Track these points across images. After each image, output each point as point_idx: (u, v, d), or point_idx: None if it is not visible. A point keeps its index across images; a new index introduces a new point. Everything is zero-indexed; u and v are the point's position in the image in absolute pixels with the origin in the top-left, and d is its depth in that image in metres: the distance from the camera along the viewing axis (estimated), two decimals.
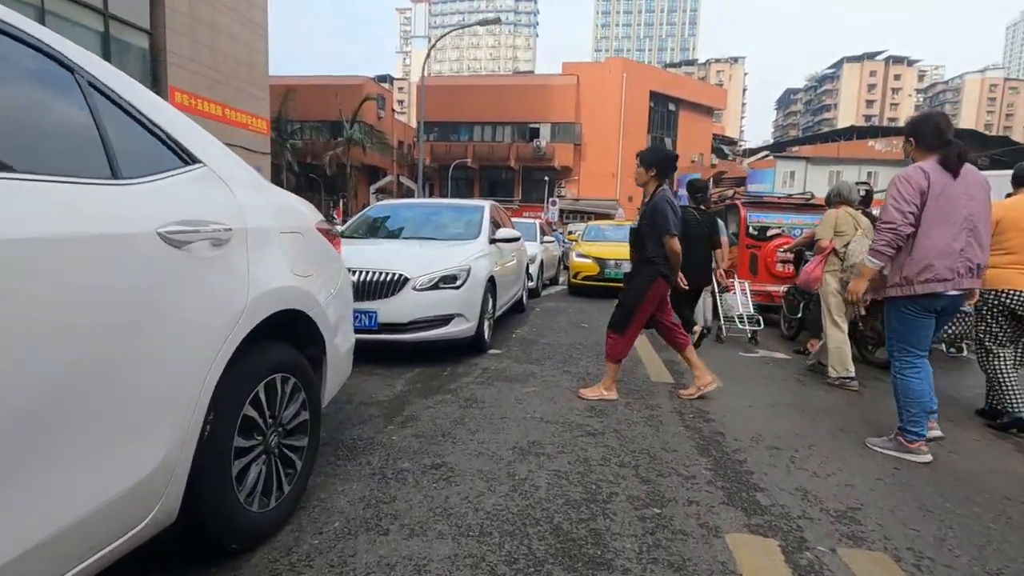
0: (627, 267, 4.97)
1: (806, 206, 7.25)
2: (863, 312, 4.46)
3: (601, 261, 9.27)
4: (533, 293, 9.08)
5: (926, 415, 2.83)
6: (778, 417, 3.42)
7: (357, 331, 2.78)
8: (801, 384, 4.29)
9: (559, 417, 3.23)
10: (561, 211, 35.67)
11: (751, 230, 7.00)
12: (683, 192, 5.95)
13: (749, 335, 5.74)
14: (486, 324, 4.83)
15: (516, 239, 5.52)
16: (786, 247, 6.29)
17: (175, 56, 14.47)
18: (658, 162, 3.55)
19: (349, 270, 3.20)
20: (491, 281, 4.88)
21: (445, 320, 4.23)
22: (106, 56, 12.03)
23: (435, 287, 4.21)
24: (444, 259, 4.43)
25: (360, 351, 2.85)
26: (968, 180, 2.71)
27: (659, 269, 3.52)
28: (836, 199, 4.51)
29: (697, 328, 5.30)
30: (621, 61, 44.87)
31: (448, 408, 3.30)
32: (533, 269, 8.85)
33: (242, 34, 17.68)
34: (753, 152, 55.11)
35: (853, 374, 4.17)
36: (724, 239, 5.60)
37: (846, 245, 4.25)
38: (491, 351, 4.90)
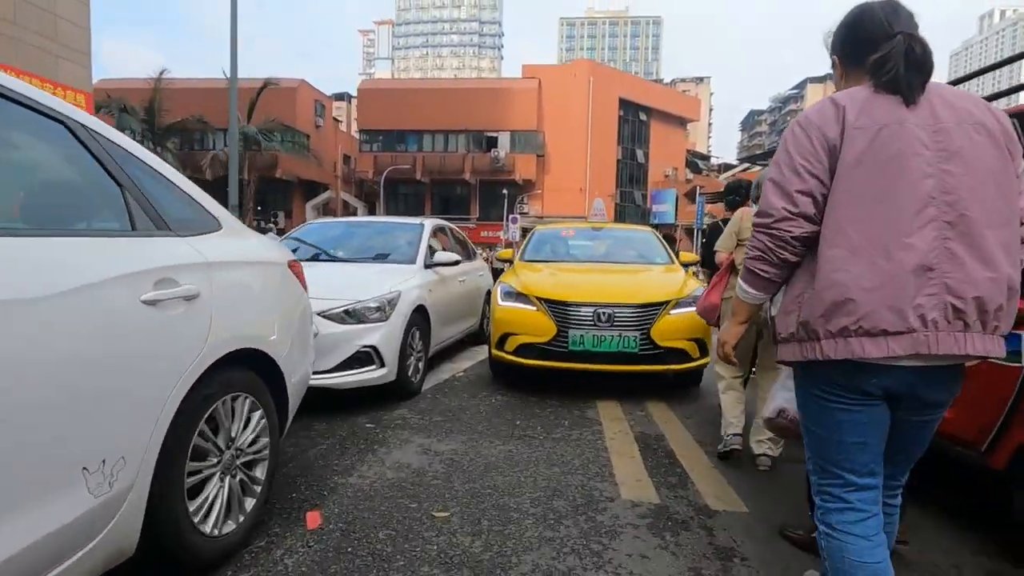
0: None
1: None
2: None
3: (561, 310, 3.77)
4: (398, 391, 3.56)
5: None
6: None
7: None
8: None
9: None
10: (523, 229, 30.66)
11: None
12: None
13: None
14: None
15: None
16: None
17: None
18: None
19: None
20: None
21: None
22: None
23: None
24: None
25: None
26: (943, 113, 1.24)
27: None
28: (758, 192, 2.84)
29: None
30: (588, 63, 40.79)
31: None
32: (387, 335, 3.32)
33: None
34: (729, 167, 51.53)
35: (738, 430, 2.89)
36: None
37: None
38: None
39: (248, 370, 1.86)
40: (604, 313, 3.76)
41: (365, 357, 3.45)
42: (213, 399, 1.66)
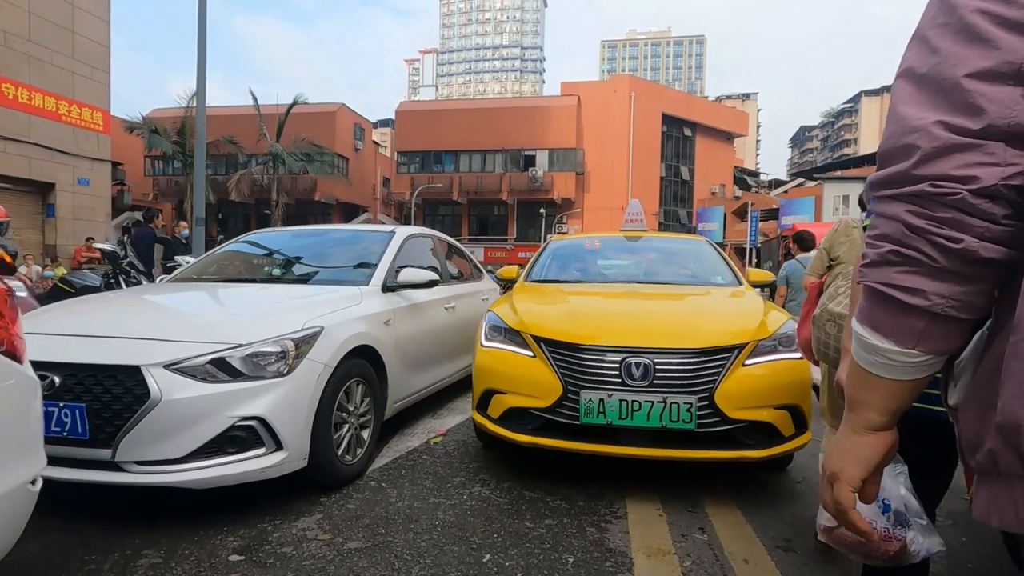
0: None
1: None
2: None
3: (570, 357, 2.38)
4: (319, 480, 2.21)
5: None
6: None
7: None
8: None
9: None
10: None
11: None
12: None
13: None
14: None
15: None
16: None
17: None
18: None
19: None
20: None
21: None
22: None
23: None
24: None
25: None
26: None
27: None
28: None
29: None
30: (628, 78, 39.68)
31: None
32: (287, 398, 1.98)
33: None
34: (781, 183, 48.94)
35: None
36: None
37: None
38: None
39: None
40: (638, 364, 2.34)
41: (247, 435, 2.14)
42: None
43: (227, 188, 20.10)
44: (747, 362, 2.40)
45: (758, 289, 3.56)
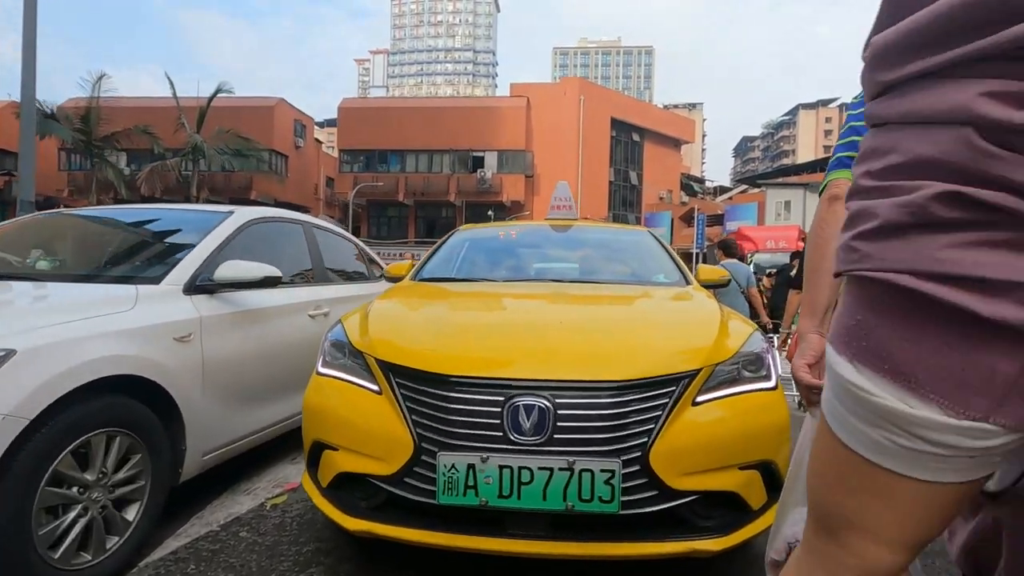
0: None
1: None
2: None
3: (429, 395, 1.58)
4: None
5: None
6: None
7: None
8: None
9: None
10: None
11: None
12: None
13: None
14: None
15: None
16: None
17: None
18: None
19: None
20: None
21: None
22: None
23: None
24: None
25: None
26: None
27: None
28: None
29: None
30: (578, 81, 39.62)
31: None
32: None
33: None
34: (725, 189, 50.26)
35: None
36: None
37: None
38: None
39: None
40: (530, 407, 1.47)
41: None
42: None
43: (136, 183, 18.15)
44: (699, 399, 1.58)
45: (716, 289, 2.77)
